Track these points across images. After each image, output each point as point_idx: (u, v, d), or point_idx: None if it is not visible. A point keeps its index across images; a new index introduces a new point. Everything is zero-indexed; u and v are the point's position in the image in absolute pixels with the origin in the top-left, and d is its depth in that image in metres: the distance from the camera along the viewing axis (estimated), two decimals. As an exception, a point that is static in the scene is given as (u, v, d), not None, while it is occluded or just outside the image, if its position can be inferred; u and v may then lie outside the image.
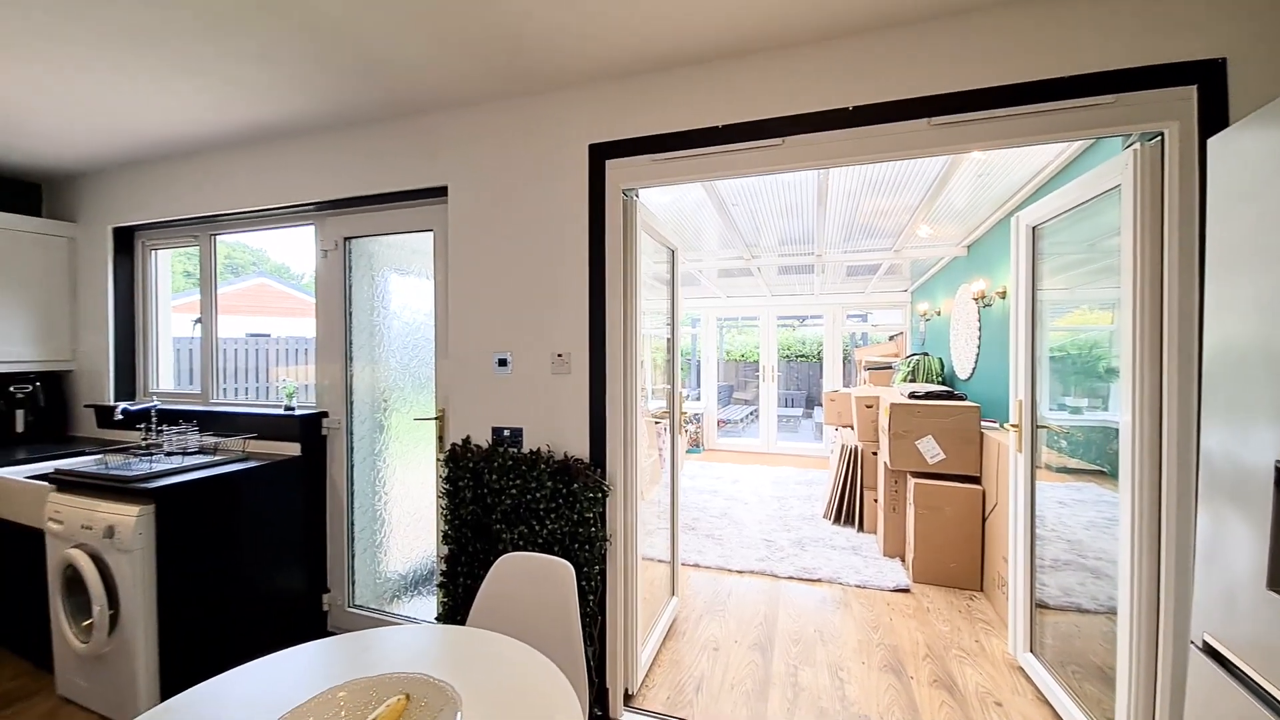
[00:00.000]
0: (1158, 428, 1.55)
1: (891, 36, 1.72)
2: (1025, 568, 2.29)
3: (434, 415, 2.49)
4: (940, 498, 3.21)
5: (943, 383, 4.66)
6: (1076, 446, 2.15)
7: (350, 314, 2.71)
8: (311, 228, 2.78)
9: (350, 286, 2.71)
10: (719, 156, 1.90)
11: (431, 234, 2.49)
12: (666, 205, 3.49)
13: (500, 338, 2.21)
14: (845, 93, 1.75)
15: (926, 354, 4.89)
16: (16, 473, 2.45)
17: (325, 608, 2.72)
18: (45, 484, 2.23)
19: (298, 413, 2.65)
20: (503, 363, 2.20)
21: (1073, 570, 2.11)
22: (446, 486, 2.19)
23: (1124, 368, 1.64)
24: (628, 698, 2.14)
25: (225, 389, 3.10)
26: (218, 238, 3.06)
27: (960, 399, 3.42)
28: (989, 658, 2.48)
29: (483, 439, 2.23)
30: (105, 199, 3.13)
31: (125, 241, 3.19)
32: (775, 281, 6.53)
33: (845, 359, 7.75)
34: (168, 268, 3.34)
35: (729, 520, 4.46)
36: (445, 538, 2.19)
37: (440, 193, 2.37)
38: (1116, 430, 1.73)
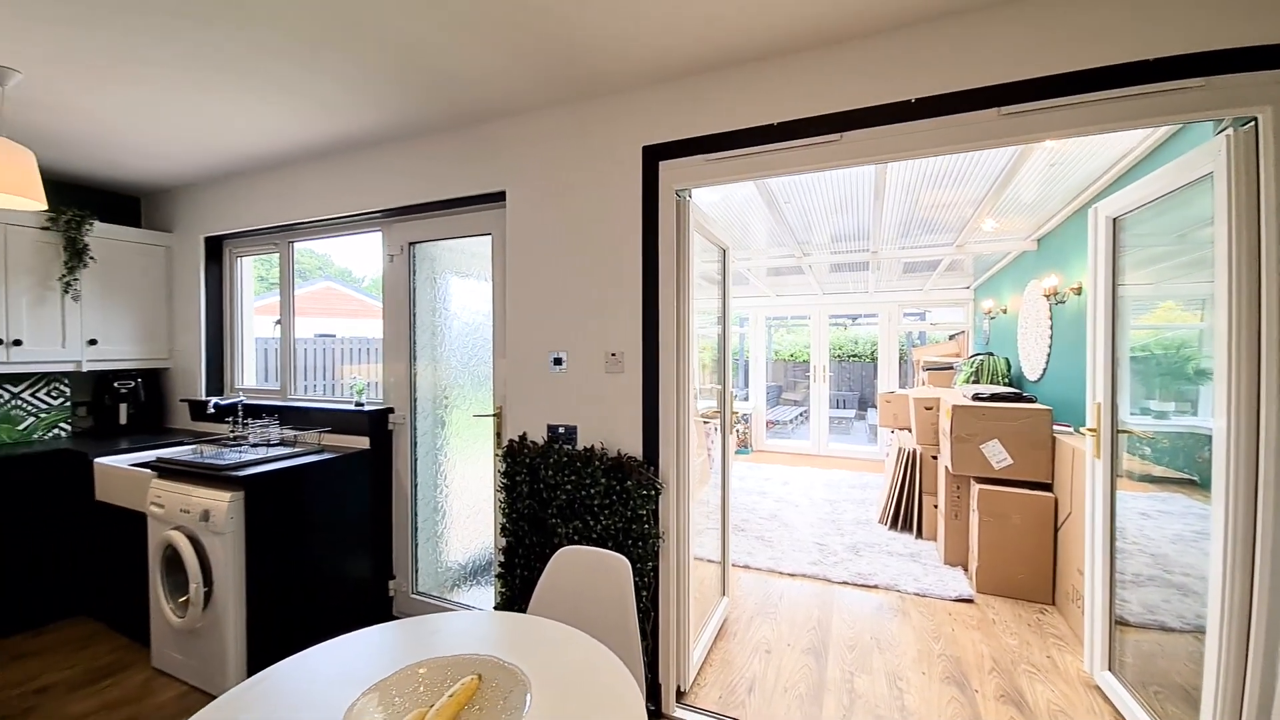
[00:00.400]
0: (1254, 434, 1.43)
1: (956, 24, 1.66)
2: (1104, 582, 2.15)
3: (492, 412, 2.58)
4: (1007, 505, 3.06)
5: (1009, 384, 4.43)
6: (1161, 454, 2.00)
7: (414, 315, 2.84)
8: (379, 234, 2.93)
9: (414, 289, 2.84)
10: (774, 154, 1.88)
11: (490, 238, 2.58)
12: (715, 204, 3.48)
13: (555, 337, 2.27)
14: (907, 85, 1.70)
15: (991, 354, 4.66)
16: (122, 461, 2.70)
17: (391, 593, 2.87)
18: (148, 471, 2.46)
19: (366, 408, 2.80)
20: (558, 361, 2.26)
21: (1156, 586, 1.97)
22: (504, 481, 2.27)
23: (1217, 369, 1.52)
24: (680, 695, 2.16)
25: (302, 386, 3.31)
26: (294, 244, 3.27)
27: (1030, 401, 3.25)
28: (1062, 675, 2.35)
29: (538, 436, 2.30)
30: (197, 210, 3.41)
31: (215, 249, 3.46)
32: (827, 279, 6.38)
33: (902, 359, 7.48)
34: (251, 273, 3.60)
35: (779, 522, 4.40)
36: (503, 530, 2.27)
37: (498, 198, 2.46)
38: (1207, 437, 1.60)
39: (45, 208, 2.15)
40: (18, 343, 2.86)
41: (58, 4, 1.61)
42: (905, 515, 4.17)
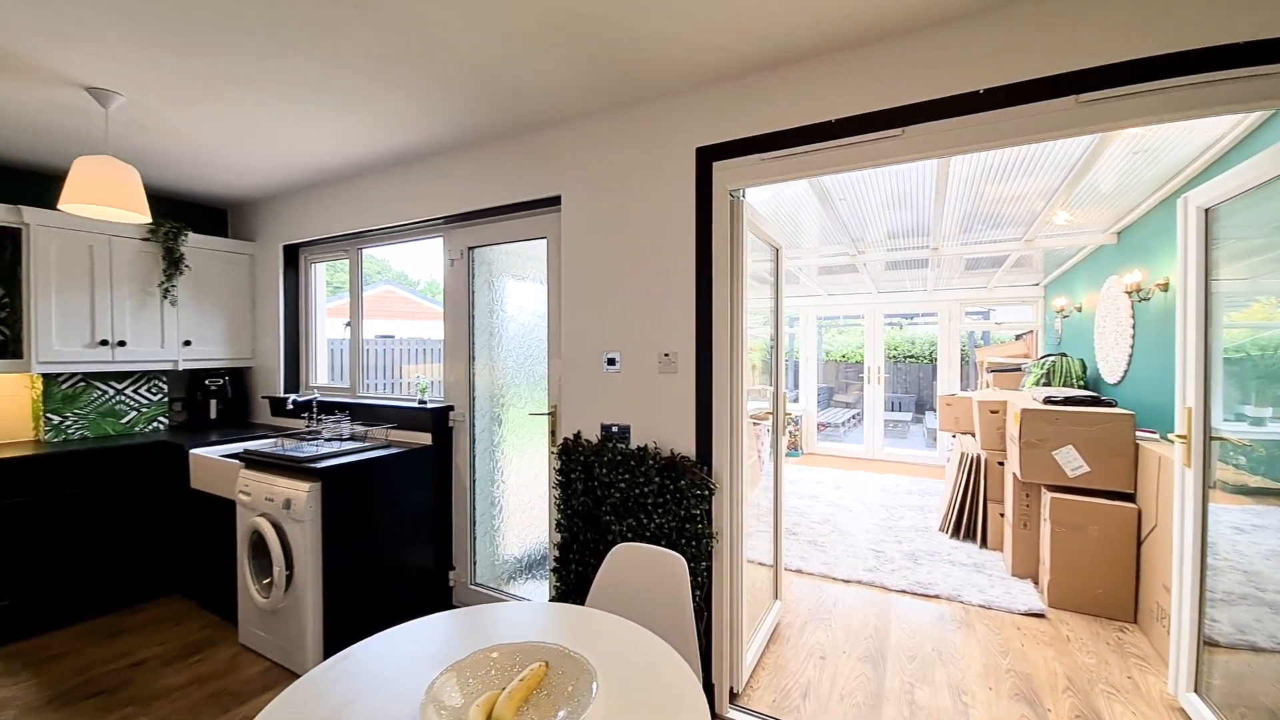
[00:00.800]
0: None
1: (1028, 11, 1.58)
2: (1192, 599, 2.00)
3: (547, 411, 2.65)
4: (1083, 515, 2.88)
5: (1085, 387, 4.16)
6: (1258, 463, 1.84)
7: (472, 317, 2.95)
8: (440, 239, 3.06)
9: (473, 292, 2.95)
10: (831, 152, 1.85)
11: (545, 241, 2.65)
12: (765, 201, 3.44)
13: (609, 338, 2.31)
14: (974, 75, 1.64)
15: (1064, 355, 4.39)
16: (213, 452, 2.94)
17: (450, 583, 2.99)
18: (236, 462, 2.66)
19: (429, 406, 2.94)
20: (611, 362, 2.30)
21: (1248, 605, 1.82)
22: (559, 478, 2.33)
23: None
24: (733, 696, 2.15)
25: (368, 384, 3.50)
26: (363, 251, 3.46)
27: (1109, 405, 3.05)
28: (1143, 696, 2.20)
29: (592, 434, 2.35)
30: (277, 220, 3.67)
31: (292, 257, 3.71)
32: (882, 277, 6.18)
33: (963, 360, 7.15)
34: (323, 278, 3.83)
35: (832, 527, 4.30)
36: (558, 526, 2.32)
37: (554, 202, 2.52)
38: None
39: (149, 221, 2.37)
40: (122, 344, 3.15)
41: (157, 31, 1.78)
42: (968, 523, 3.99)
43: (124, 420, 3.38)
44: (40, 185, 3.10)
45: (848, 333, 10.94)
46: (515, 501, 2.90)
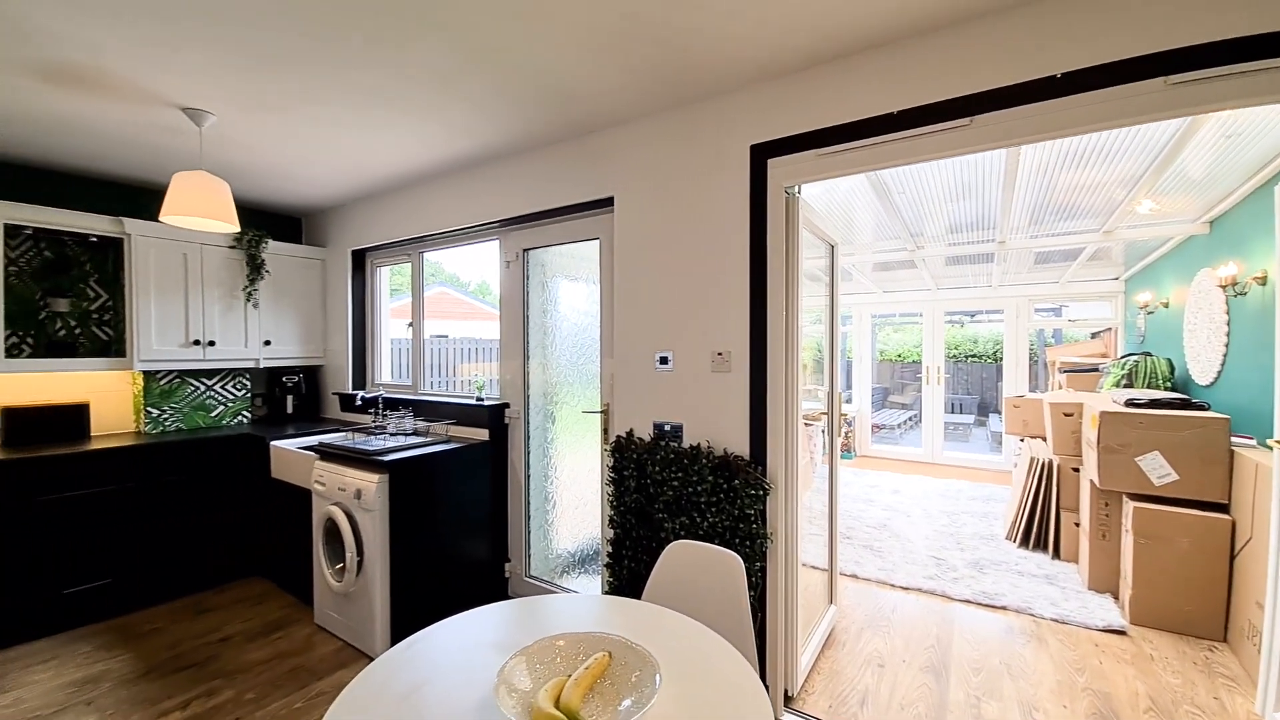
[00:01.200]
0: None
1: (1112, -14, 1.49)
2: (1302, 622, 1.82)
3: (599, 409, 2.70)
4: (1170, 526, 2.68)
5: (1172, 389, 3.86)
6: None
7: (527, 317, 3.04)
8: (496, 242, 3.16)
9: (527, 293, 3.04)
10: (894, 144, 1.80)
11: (598, 242, 2.69)
12: (816, 196, 3.37)
13: (662, 337, 2.33)
14: (1050, 59, 1.55)
15: (1149, 354, 4.08)
16: (291, 444, 3.14)
17: (506, 575, 3.09)
18: (312, 454, 2.84)
19: (486, 403, 3.04)
20: (664, 360, 2.32)
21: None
22: (612, 475, 2.37)
23: None
24: (787, 699, 2.13)
25: (429, 382, 3.66)
26: (424, 254, 3.62)
27: (1201, 408, 2.82)
28: (1230, 717, 2.03)
29: (645, 432, 2.37)
30: (345, 227, 3.88)
31: (359, 261, 3.91)
32: (942, 273, 5.93)
33: (1032, 360, 6.76)
34: (387, 281, 4.03)
35: (889, 532, 4.16)
36: (610, 522, 2.36)
37: (606, 204, 2.56)
38: None
39: (236, 230, 2.56)
40: (212, 344, 3.42)
41: (242, 53, 1.92)
42: (1039, 532, 3.78)
43: (213, 414, 3.66)
44: (139, 198, 3.40)
45: (903, 331, 10.54)
46: (568, 497, 2.97)
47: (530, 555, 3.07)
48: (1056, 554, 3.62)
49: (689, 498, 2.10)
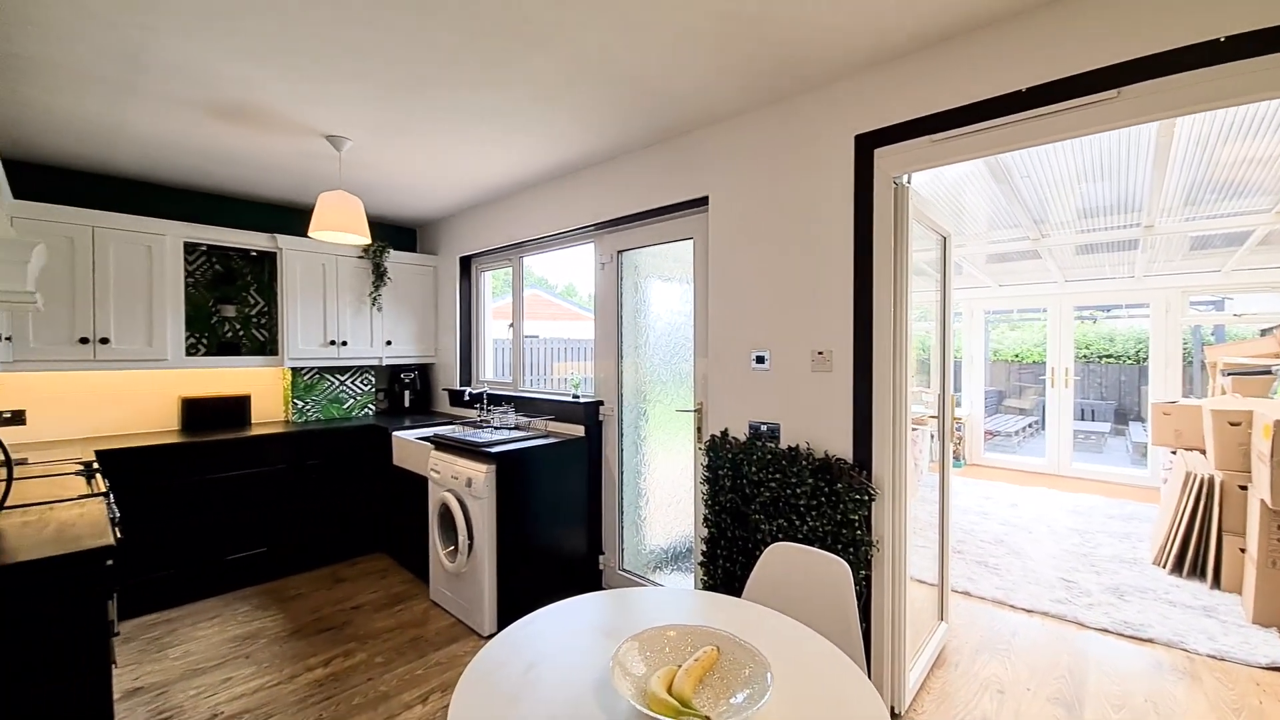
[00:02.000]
0: None
1: (1306, -78, 1.27)
2: None
3: (692, 408, 2.71)
4: (1378, 561, 2.23)
5: (1379, 396, 3.21)
6: None
7: (621, 317, 3.11)
8: (591, 245, 3.27)
9: (621, 294, 3.11)
10: (1023, 125, 1.65)
11: (691, 241, 2.71)
12: (923, 184, 3.15)
13: (758, 336, 2.29)
14: (1213, 22, 1.35)
15: (1344, 354, 3.42)
16: (409, 435, 3.44)
17: (600, 567, 3.18)
18: (427, 444, 3.09)
19: (581, 400, 3.15)
20: (760, 360, 2.28)
21: None
22: (706, 474, 2.37)
23: None
24: (894, 717, 2.02)
25: (528, 380, 3.86)
26: (524, 259, 3.82)
27: None
28: None
29: (740, 432, 2.35)
30: (453, 235, 4.19)
31: (466, 267, 4.21)
32: (1072, 263, 5.32)
33: (1186, 360, 5.89)
34: (489, 285, 4.30)
35: (1006, 549, 3.81)
36: (705, 520, 2.36)
37: (700, 203, 2.56)
38: None
39: (367, 242, 2.85)
40: (345, 343, 3.83)
41: (375, 83, 2.13)
42: (1196, 558, 3.29)
43: (344, 406, 4.10)
44: (288, 216, 3.88)
45: (1022, 329, 9.58)
46: (660, 494, 3.00)
47: (623, 549, 3.14)
48: (1216, 583, 3.13)
49: (787, 500, 2.05)
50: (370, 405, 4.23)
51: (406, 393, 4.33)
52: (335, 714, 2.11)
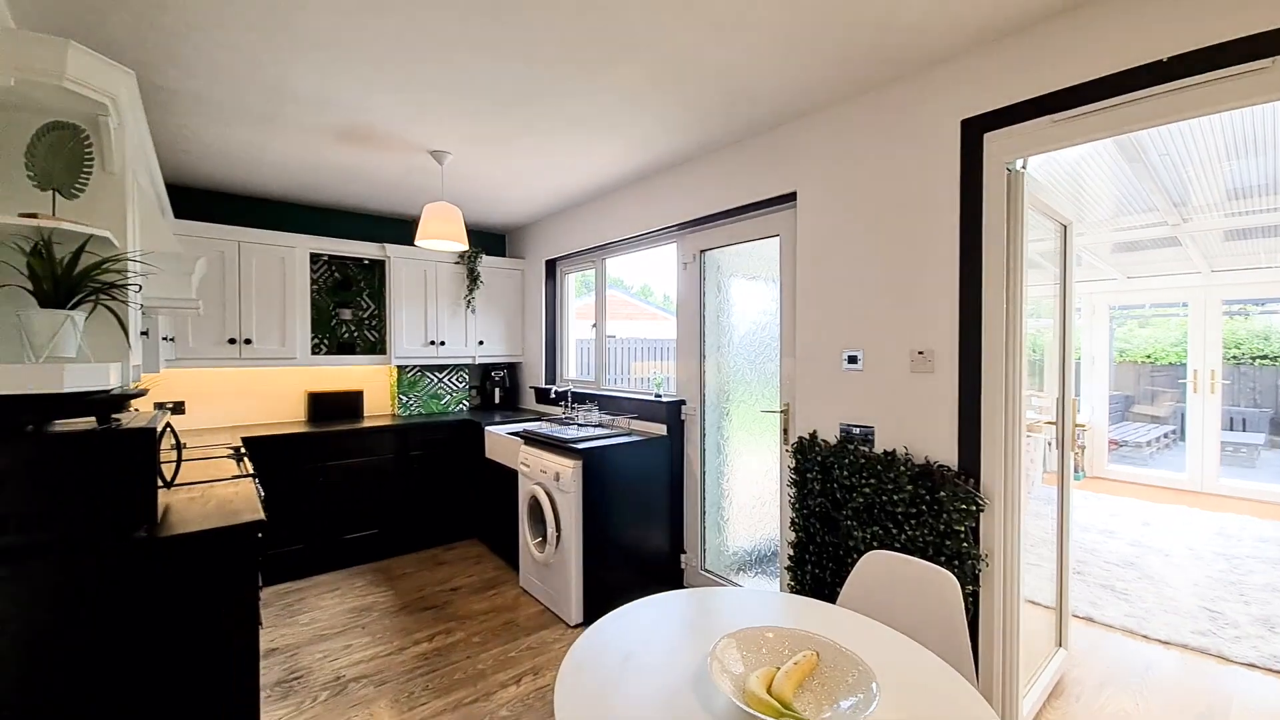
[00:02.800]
0: None
1: None
2: None
3: (778, 409, 2.65)
4: None
5: None
6: None
7: (703, 317, 3.10)
8: (674, 245, 3.29)
9: (703, 293, 3.10)
10: (1162, 99, 1.47)
11: (778, 239, 2.65)
12: (1035, 167, 2.87)
13: (850, 335, 2.21)
14: None
15: None
16: (500, 430, 3.63)
17: (682, 566, 3.19)
18: (517, 439, 3.25)
19: (664, 400, 3.18)
20: (852, 360, 2.19)
21: None
22: (794, 477, 2.31)
23: None
24: (1002, 745, 1.87)
25: (610, 378, 3.94)
26: (607, 260, 3.91)
27: None
28: None
29: (829, 434, 2.27)
30: (539, 239, 4.36)
31: (551, 269, 4.37)
32: (1218, 251, 4.66)
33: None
34: (573, 286, 4.43)
35: (1137, 572, 3.41)
36: (792, 524, 2.30)
37: (787, 199, 2.50)
38: None
39: (464, 248, 3.03)
40: (443, 343, 4.10)
41: (475, 100, 2.26)
42: (1388, 597, 2.77)
43: (442, 402, 4.39)
44: (394, 227, 4.22)
45: (1154, 325, 8.48)
46: (743, 495, 2.96)
47: (705, 549, 3.13)
48: None
49: (882, 506, 1.96)
50: (464, 401, 4.51)
51: (496, 390, 4.57)
52: (438, 686, 2.27)
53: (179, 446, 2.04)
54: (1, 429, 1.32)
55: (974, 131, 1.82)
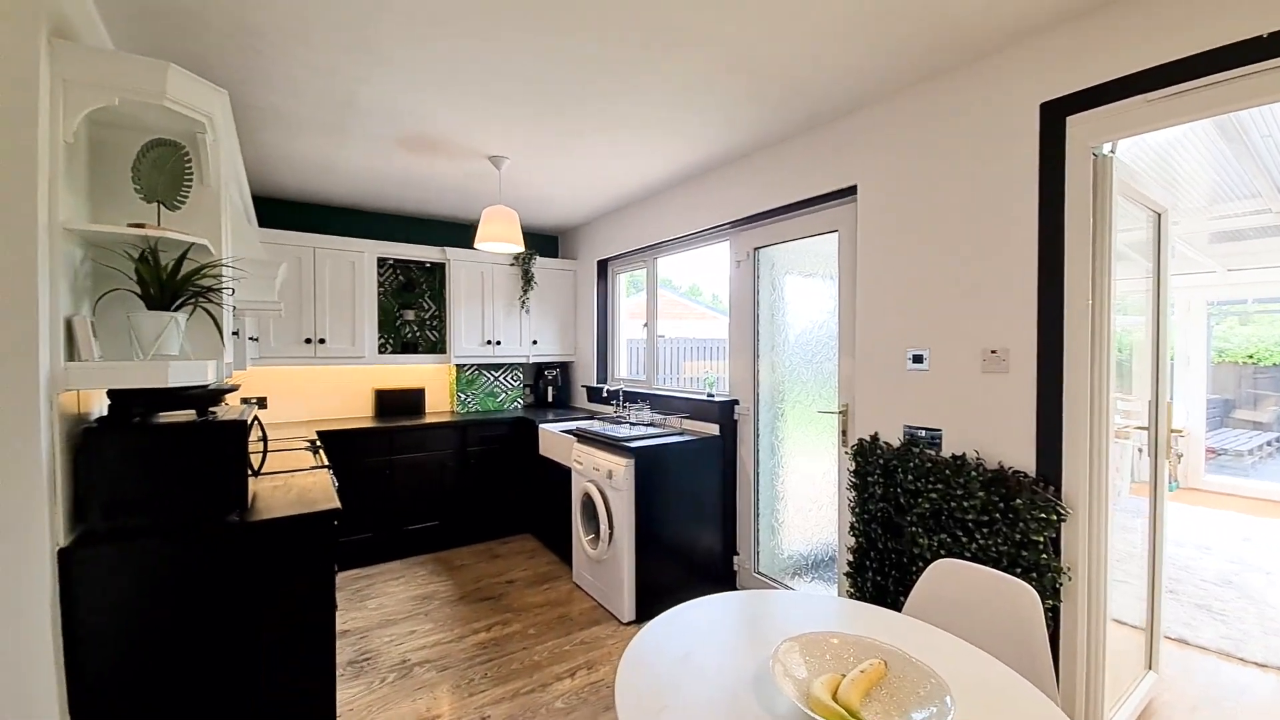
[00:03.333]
0: None
1: None
2: None
3: (836, 410, 2.57)
4: None
5: None
6: None
7: (757, 316, 3.05)
8: (726, 243, 3.25)
9: (757, 292, 3.05)
10: (1267, 75, 1.33)
11: (836, 234, 2.57)
12: (1121, 151, 2.66)
13: (915, 333, 2.11)
14: None
15: None
16: (554, 428, 3.69)
17: (735, 568, 3.15)
18: (571, 437, 3.30)
19: (716, 399, 3.15)
20: (918, 359, 2.10)
21: None
22: (854, 480, 2.24)
23: None
24: (1085, 772, 1.74)
25: (661, 378, 3.94)
26: (658, 260, 3.91)
27: None
28: None
29: (892, 437, 2.18)
30: (591, 240, 4.41)
31: (603, 269, 4.41)
32: (1340, 240, 4.18)
33: None
34: (625, 286, 4.46)
35: (1236, 591, 3.11)
36: (851, 529, 2.23)
37: (847, 193, 2.43)
38: None
39: (522, 250, 3.11)
40: (498, 343, 4.22)
41: (531, 105, 2.30)
42: None
43: (498, 400, 4.52)
44: (453, 231, 4.38)
45: (1256, 322, 7.70)
46: (799, 497, 2.90)
47: (759, 551, 3.08)
48: None
49: (951, 513, 1.87)
50: (519, 399, 4.62)
51: (549, 388, 4.66)
52: (496, 675, 2.34)
53: (265, 439, 2.19)
54: (115, 420, 1.46)
55: (1055, 115, 1.70)
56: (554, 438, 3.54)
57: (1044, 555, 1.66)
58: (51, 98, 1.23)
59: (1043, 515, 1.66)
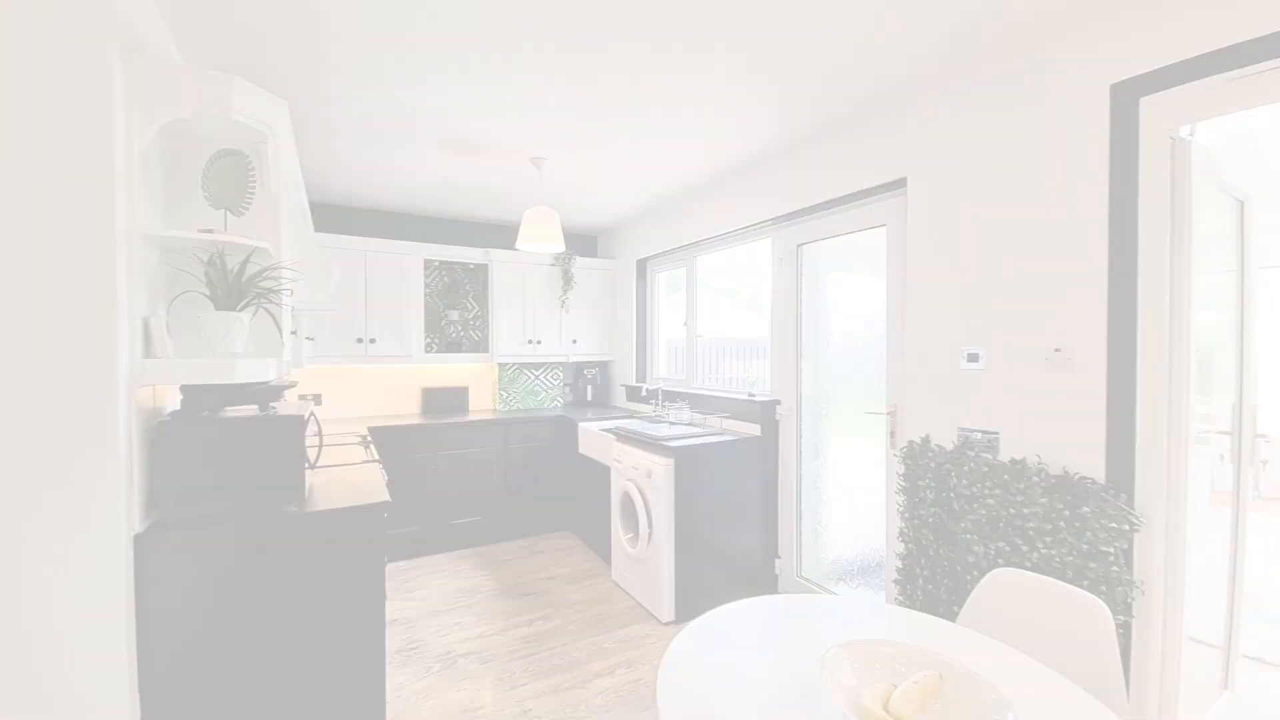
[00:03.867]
0: None
1: None
2: None
3: (884, 410, 2.49)
4: None
5: None
6: None
7: (800, 314, 2.98)
8: (768, 240, 3.19)
9: (800, 289, 2.98)
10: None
11: (884, 229, 2.49)
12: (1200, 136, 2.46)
13: (969, 330, 2.02)
14: None
15: None
16: (593, 426, 3.72)
17: (776, 571, 3.10)
18: (610, 435, 3.31)
19: (758, 399, 3.10)
20: (972, 358, 2.01)
21: None
22: (903, 484, 2.16)
23: None
24: (1159, 801, 1.63)
25: (701, 377, 3.91)
26: (698, 259, 3.88)
27: None
28: None
29: (945, 439, 2.09)
30: (629, 240, 4.42)
31: (641, 269, 4.41)
32: None
33: None
34: (663, 286, 4.44)
35: (1334, 613, 2.84)
36: (900, 534, 2.16)
37: (895, 186, 2.34)
38: None
39: (563, 250, 3.14)
40: (539, 342, 4.28)
41: (573, 106, 2.32)
42: None
43: (538, 398, 4.58)
44: (494, 233, 4.46)
45: (1356, 320, 7.01)
46: (844, 500, 2.82)
47: (801, 555, 3.02)
48: None
49: (1009, 520, 1.78)
50: (559, 398, 4.67)
51: (589, 387, 4.69)
52: (537, 669, 2.37)
53: (320, 434, 2.28)
54: (187, 414, 1.55)
55: (1127, 96, 1.59)
56: (594, 436, 3.56)
57: (1114, 567, 1.56)
58: (127, 111, 1.31)
59: (1113, 525, 1.55)
